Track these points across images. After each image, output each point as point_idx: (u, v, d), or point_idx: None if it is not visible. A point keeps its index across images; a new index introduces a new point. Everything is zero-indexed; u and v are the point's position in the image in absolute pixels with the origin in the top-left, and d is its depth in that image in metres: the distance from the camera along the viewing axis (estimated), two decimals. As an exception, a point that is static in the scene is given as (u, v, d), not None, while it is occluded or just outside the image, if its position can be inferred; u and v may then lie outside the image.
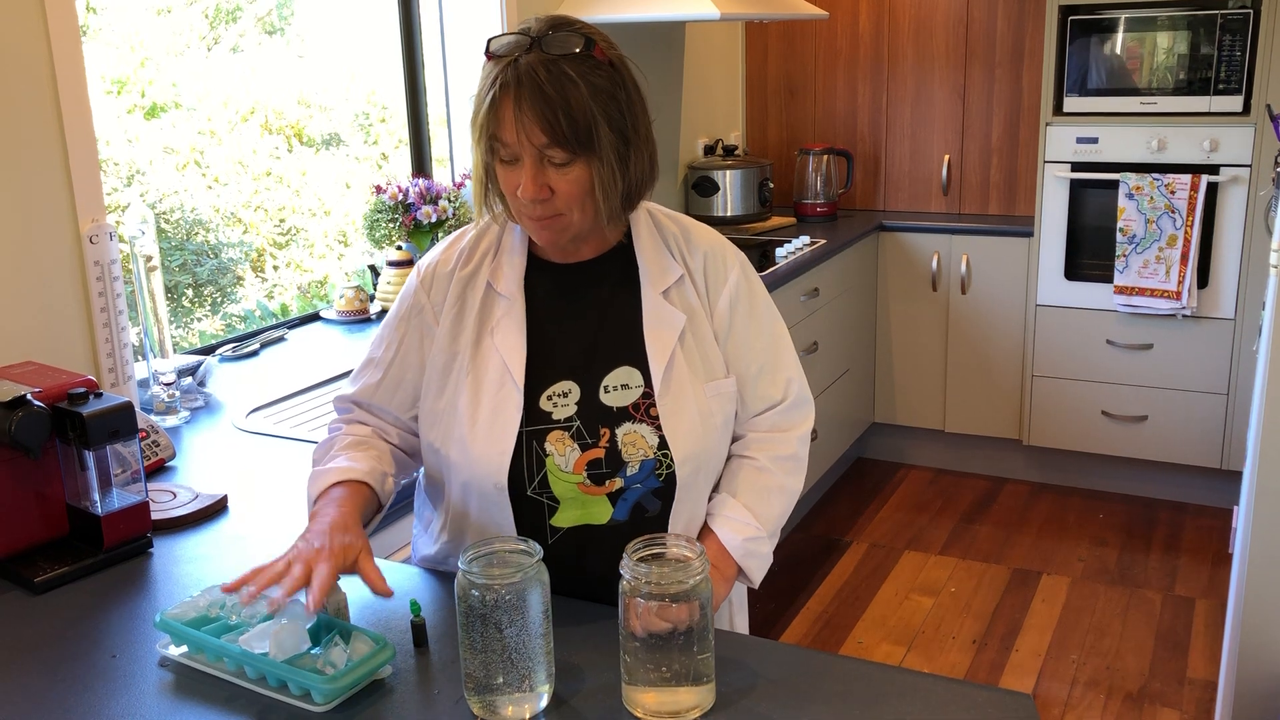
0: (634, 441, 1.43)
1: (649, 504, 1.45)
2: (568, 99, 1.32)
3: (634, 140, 1.39)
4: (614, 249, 1.51)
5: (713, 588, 1.20)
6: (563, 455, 1.42)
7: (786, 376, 1.56)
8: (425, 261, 1.54)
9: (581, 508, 1.44)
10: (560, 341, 1.47)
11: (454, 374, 1.47)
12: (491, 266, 1.50)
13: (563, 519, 1.44)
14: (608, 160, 1.36)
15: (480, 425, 1.43)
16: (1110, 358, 4.04)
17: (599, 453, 1.42)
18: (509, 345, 1.45)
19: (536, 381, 1.45)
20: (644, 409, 1.44)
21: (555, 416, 1.43)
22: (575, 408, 1.44)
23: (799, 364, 1.60)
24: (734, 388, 1.52)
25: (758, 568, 1.53)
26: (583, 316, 1.49)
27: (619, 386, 1.45)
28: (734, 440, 1.56)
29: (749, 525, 1.50)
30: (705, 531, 1.51)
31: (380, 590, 1.28)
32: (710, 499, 1.53)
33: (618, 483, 1.43)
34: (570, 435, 1.42)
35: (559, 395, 1.44)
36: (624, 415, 1.44)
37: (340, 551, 1.28)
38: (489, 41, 1.37)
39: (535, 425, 1.43)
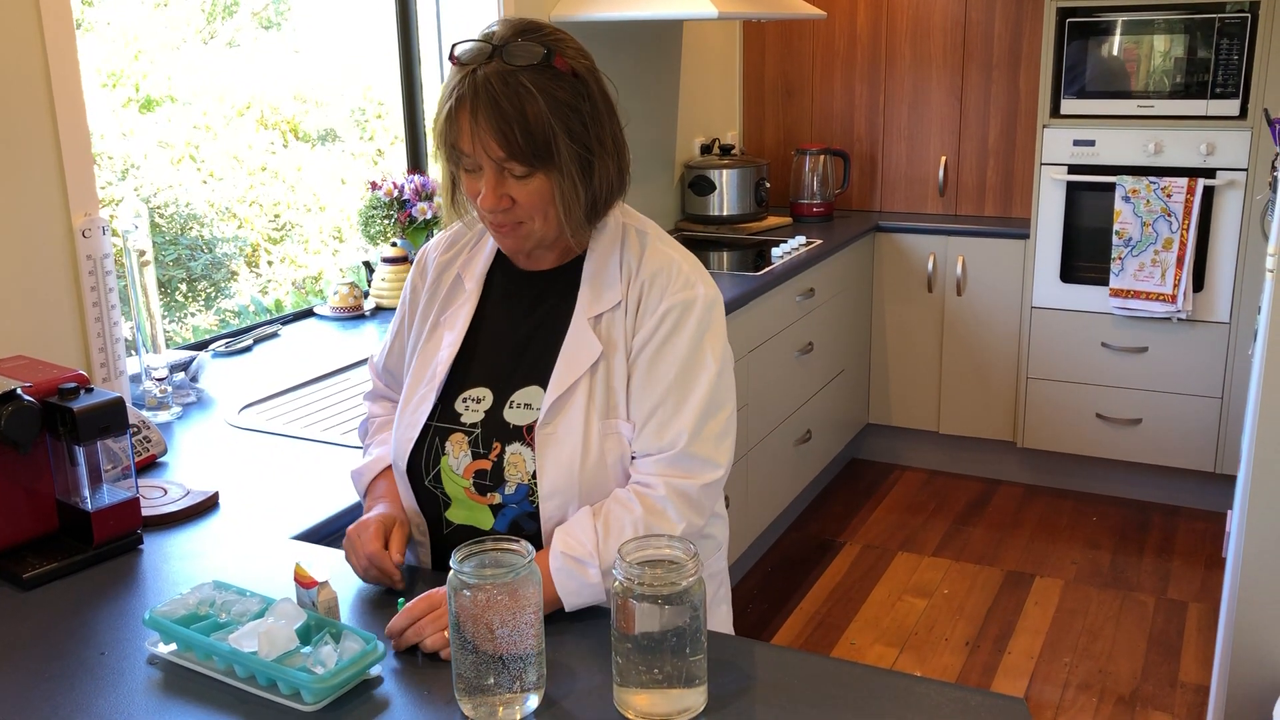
0: (516, 463, 1.43)
1: (525, 524, 1.44)
2: (524, 112, 1.31)
3: (598, 151, 1.37)
4: (574, 261, 1.49)
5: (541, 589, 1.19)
6: (456, 458, 1.46)
7: (679, 429, 1.39)
8: (426, 245, 1.64)
9: (468, 510, 1.47)
10: (492, 346, 1.50)
11: (415, 353, 1.55)
12: (466, 257, 1.56)
13: (454, 515, 1.48)
14: (568, 173, 1.35)
15: (407, 410, 1.51)
16: (1105, 360, 4.04)
17: (486, 465, 1.44)
18: (449, 339, 1.51)
19: (460, 380, 1.49)
20: (533, 433, 1.42)
21: (464, 420, 1.47)
22: (482, 415, 1.46)
23: (713, 420, 1.42)
24: (631, 431, 1.42)
25: (573, 590, 1.35)
26: (519, 327, 1.50)
27: (523, 405, 1.45)
28: None
29: (583, 546, 1.36)
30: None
31: (389, 572, 1.40)
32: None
33: (497, 498, 1.44)
34: (469, 441, 1.45)
35: (473, 400, 1.47)
36: (516, 435, 1.43)
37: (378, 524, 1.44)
38: (453, 46, 1.38)
39: (444, 423, 1.47)
